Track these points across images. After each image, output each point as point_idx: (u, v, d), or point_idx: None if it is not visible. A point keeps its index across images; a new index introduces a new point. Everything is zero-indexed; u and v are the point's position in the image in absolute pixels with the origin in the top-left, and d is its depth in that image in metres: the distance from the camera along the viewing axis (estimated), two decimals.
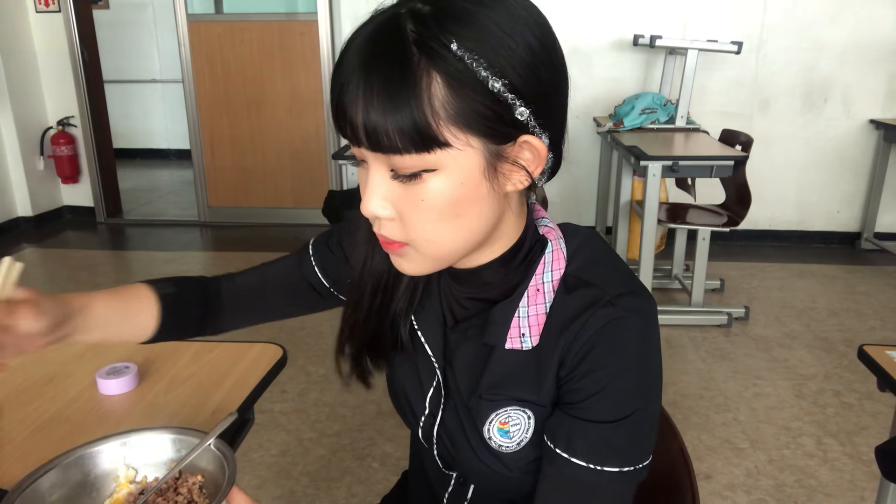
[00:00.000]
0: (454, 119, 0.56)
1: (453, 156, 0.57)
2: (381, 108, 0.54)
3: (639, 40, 3.71)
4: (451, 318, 0.75)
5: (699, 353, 2.91)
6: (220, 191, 4.88)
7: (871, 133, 4.21)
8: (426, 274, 0.67)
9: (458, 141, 0.56)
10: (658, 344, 0.67)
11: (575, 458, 0.65)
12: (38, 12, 4.60)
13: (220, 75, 4.64)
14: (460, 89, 0.55)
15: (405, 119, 0.54)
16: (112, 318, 0.78)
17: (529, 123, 0.59)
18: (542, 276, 0.68)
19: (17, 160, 4.61)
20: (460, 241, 0.63)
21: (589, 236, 0.73)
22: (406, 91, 0.54)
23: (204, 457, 0.71)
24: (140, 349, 1.17)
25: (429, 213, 0.59)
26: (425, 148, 0.56)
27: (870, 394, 2.53)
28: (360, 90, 0.55)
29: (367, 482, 2.05)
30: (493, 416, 0.70)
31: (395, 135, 0.55)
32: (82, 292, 0.76)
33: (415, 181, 0.58)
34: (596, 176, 4.31)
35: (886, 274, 3.88)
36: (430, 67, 0.54)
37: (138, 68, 6.93)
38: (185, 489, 0.71)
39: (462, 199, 0.59)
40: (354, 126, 0.57)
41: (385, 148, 0.56)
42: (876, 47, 4.07)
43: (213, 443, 0.71)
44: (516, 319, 0.68)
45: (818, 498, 2.01)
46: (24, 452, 0.89)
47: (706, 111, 4.14)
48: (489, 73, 0.56)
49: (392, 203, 0.60)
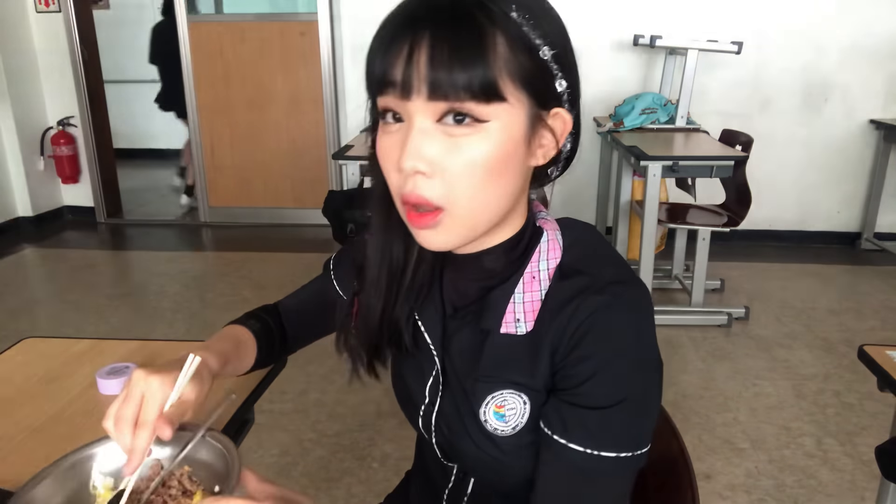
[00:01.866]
0: (511, 76, 0.60)
1: (506, 111, 0.61)
2: (449, 59, 0.58)
3: (639, 40, 3.71)
4: (450, 308, 0.76)
5: (699, 354, 2.91)
6: (220, 191, 4.88)
7: (871, 133, 4.21)
8: (452, 248, 0.68)
9: (512, 97, 0.60)
10: (652, 331, 0.67)
11: (572, 444, 0.66)
12: (38, 12, 4.61)
13: (220, 75, 4.64)
14: (518, 51, 0.60)
15: (475, 69, 0.58)
16: (236, 367, 0.85)
17: (563, 97, 0.65)
18: (538, 263, 0.70)
19: (17, 160, 4.61)
20: (493, 206, 0.65)
21: (586, 229, 0.75)
22: (476, 45, 0.58)
23: (198, 447, 0.72)
24: (140, 349, 1.18)
25: (476, 168, 0.61)
26: (486, 99, 0.59)
27: (870, 394, 2.53)
28: (425, 42, 0.58)
29: (366, 482, 2.05)
30: (490, 399, 0.71)
31: (461, 83, 0.58)
32: (211, 349, 0.79)
33: (465, 132, 0.60)
34: (596, 176, 4.31)
35: (886, 274, 3.88)
36: (494, 27, 0.59)
37: (138, 68, 6.92)
38: (175, 481, 0.71)
39: (504, 158, 0.62)
40: (411, 76, 0.59)
41: (447, 94, 0.58)
42: (876, 47, 4.07)
43: (206, 434, 0.72)
44: (511, 305, 0.70)
45: (818, 498, 2.01)
46: (24, 452, 0.89)
47: (706, 111, 4.14)
48: (541, 42, 0.61)
49: (435, 158, 0.61)
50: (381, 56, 0.61)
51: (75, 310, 3.39)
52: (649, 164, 2.92)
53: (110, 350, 1.17)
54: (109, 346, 1.19)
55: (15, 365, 1.13)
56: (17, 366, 1.12)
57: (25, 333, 1.50)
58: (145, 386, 0.68)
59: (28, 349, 1.18)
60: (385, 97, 0.62)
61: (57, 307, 3.45)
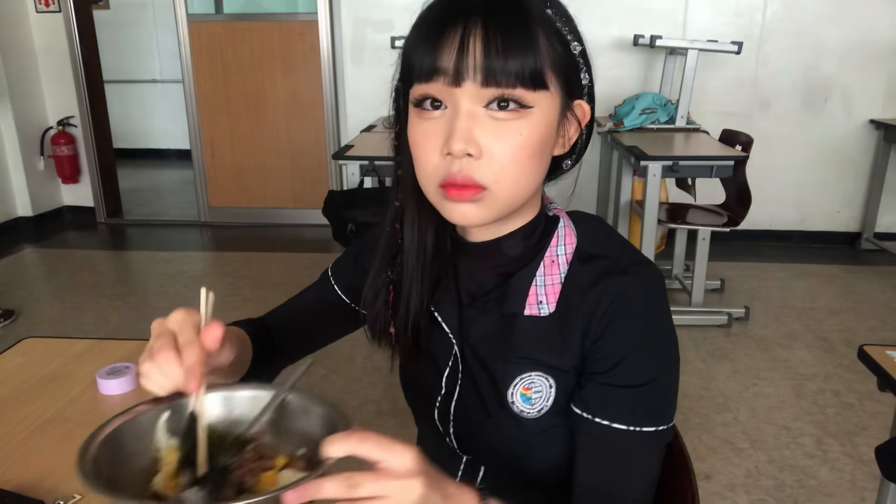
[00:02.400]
0: (552, 66, 0.65)
1: (547, 98, 0.65)
2: (505, 48, 0.62)
3: (639, 40, 3.71)
4: (467, 298, 0.78)
5: (699, 353, 2.91)
6: (220, 191, 4.88)
7: (871, 133, 4.21)
8: (484, 223, 0.69)
9: (552, 86, 0.65)
10: (669, 309, 0.72)
11: (615, 424, 0.68)
12: (38, 12, 4.60)
13: (220, 75, 4.64)
14: (556, 43, 0.65)
15: (526, 59, 0.62)
16: (243, 358, 0.80)
17: (585, 90, 0.70)
18: (556, 248, 0.74)
19: (17, 160, 4.61)
20: (528, 187, 0.69)
21: (595, 219, 0.79)
22: (526, 35, 0.63)
23: (279, 410, 0.65)
24: (140, 349, 1.17)
25: (523, 150, 0.65)
26: (533, 86, 0.63)
27: (870, 394, 2.53)
28: (478, 32, 0.62)
29: None
30: (518, 381, 0.73)
31: (515, 71, 0.62)
32: (228, 328, 0.72)
33: (512, 117, 0.64)
34: (596, 176, 4.31)
35: (886, 274, 3.88)
36: (535, 21, 0.64)
37: (138, 68, 6.93)
38: (251, 446, 0.63)
39: (542, 142, 0.66)
40: (465, 63, 0.62)
41: (500, 81, 0.62)
42: (876, 47, 4.07)
43: (291, 393, 0.65)
44: (534, 287, 0.73)
45: (818, 498, 2.01)
46: (24, 452, 0.89)
47: (706, 111, 4.14)
48: (571, 37, 0.67)
49: (483, 141, 0.64)
50: (429, 44, 0.63)
51: (75, 310, 3.39)
52: (649, 164, 2.92)
53: (110, 350, 1.17)
54: (109, 346, 1.19)
55: (15, 365, 1.13)
56: (17, 366, 1.12)
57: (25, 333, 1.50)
58: (170, 321, 0.63)
59: (28, 349, 1.18)
60: (430, 84, 0.64)
61: (57, 307, 3.45)
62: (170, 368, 0.60)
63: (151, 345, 0.62)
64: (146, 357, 0.62)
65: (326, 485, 0.52)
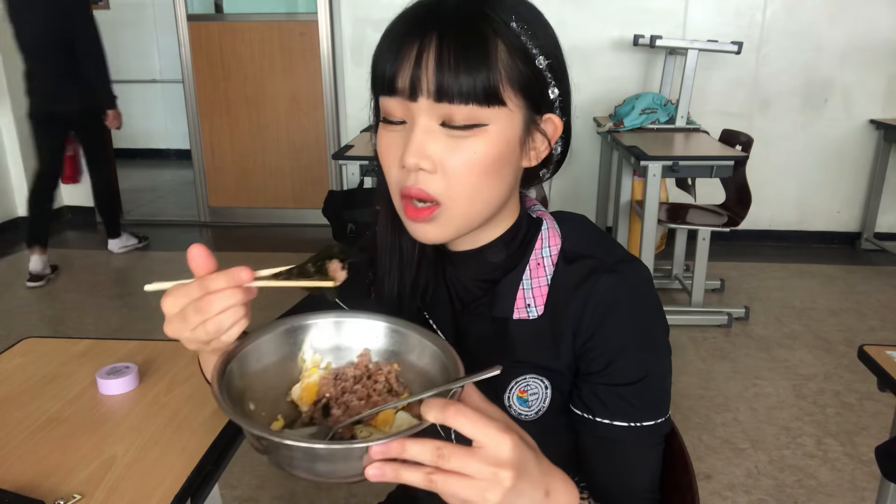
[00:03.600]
0: (510, 82, 0.64)
1: (505, 114, 0.64)
2: (456, 64, 0.61)
3: (639, 40, 3.71)
4: (459, 304, 0.79)
5: (699, 353, 2.91)
6: (220, 191, 4.88)
7: (871, 133, 4.21)
8: (446, 241, 0.71)
9: (510, 102, 0.64)
10: (659, 301, 0.73)
11: (616, 422, 0.70)
12: None
13: (220, 75, 4.64)
14: (517, 58, 0.64)
15: (479, 75, 0.62)
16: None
17: (555, 104, 0.69)
18: (541, 251, 0.74)
19: (17, 160, 4.61)
20: (487, 202, 0.68)
21: (580, 219, 0.79)
22: (480, 51, 0.62)
23: (416, 351, 0.67)
24: (140, 349, 1.18)
25: (476, 166, 0.65)
26: (487, 102, 0.63)
27: (870, 394, 2.53)
28: (433, 48, 0.61)
29: (367, 482, 2.05)
30: (514, 384, 0.74)
31: (466, 88, 0.62)
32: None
33: (466, 134, 0.64)
34: (596, 176, 4.31)
35: (886, 274, 3.88)
36: (496, 36, 0.63)
37: (138, 68, 6.92)
38: (382, 377, 0.66)
39: (500, 158, 0.66)
40: (419, 79, 0.62)
41: (453, 97, 0.62)
42: (876, 47, 4.07)
43: (427, 338, 0.66)
44: (521, 291, 0.73)
45: (818, 498, 2.01)
46: (24, 452, 0.89)
47: (706, 111, 4.14)
48: (537, 51, 0.65)
49: (436, 156, 0.64)
50: (389, 58, 0.64)
51: (75, 310, 3.39)
52: (649, 164, 2.92)
53: (110, 350, 1.17)
54: (109, 346, 1.19)
55: (15, 365, 1.13)
56: (17, 366, 1.12)
57: (25, 333, 1.50)
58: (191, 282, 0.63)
59: (28, 349, 1.18)
60: (391, 98, 0.65)
61: (57, 307, 3.45)
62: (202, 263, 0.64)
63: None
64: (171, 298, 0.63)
65: (415, 448, 0.52)
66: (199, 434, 0.93)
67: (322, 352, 0.69)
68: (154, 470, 0.86)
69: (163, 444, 0.91)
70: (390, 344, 0.68)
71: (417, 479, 0.52)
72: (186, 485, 0.83)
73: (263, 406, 0.64)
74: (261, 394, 0.64)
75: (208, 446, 0.90)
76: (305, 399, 0.66)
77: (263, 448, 0.56)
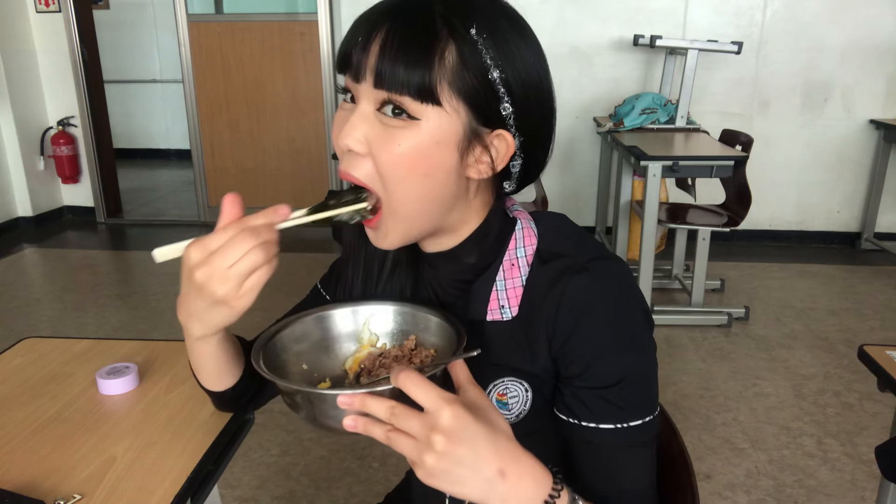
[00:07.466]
0: (452, 86, 0.63)
1: (439, 115, 0.64)
2: (396, 55, 0.62)
3: (639, 40, 3.71)
4: (439, 304, 0.79)
5: (699, 354, 2.91)
6: (220, 191, 4.88)
7: (871, 133, 4.21)
8: (401, 246, 0.72)
9: (448, 105, 0.63)
10: (637, 291, 0.71)
11: (602, 425, 0.68)
12: (38, 12, 4.61)
13: (220, 75, 4.64)
14: (467, 65, 0.63)
15: (416, 70, 0.62)
16: (237, 352, 0.82)
17: (508, 120, 0.67)
18: (515, 251, 0.73)
19: (17, 160, 4.61)
20: (427, 206, 0.68)
21: (558, 217, 0.77)
22: (424, 47, 0.62)
23: (441, 334, 0.74)
24: (140, 349, 1.18)
25: (402, 158, 0.64)
26: (420, 98, 0.63)
27: (870, 394, 2.53)
28: (382, 35, 0.63)
29: (367, 482, 2.05)
30: (492, 387, 0.73)
31: (402, 79, 0.62)
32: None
33: (397, 124, 0.64)
34: (596, 176, 4.31)
35: (886, 274, 3.88)
36: (449, 38, 0.63)
37: (138, 68, 6.93)
38: (419, 360, 0.73)
39: (433, 158, 0.65)
40: (363, 62, 0.64)
41: (388, 86, 0.63)
42: (876, 47, 4.07)
43: (445, 318, 0.74)
44: (494, 293, 0.72)
45: (818, 498, 2.01)
46: (24, 452, 0.89)
47: (706, 111, 4.14)
48: (492, 63, 0.64)
49: (369, 141, 0.65)
50: (348, 39, 0.66)
51: (75, 310, 3.39)
52: (649, 164, 2.92)
53: (110, 350, 1.17)
54: (109, 346, 1.19)
55: (15, 365, 1.13)
56: (17, 366, 1.12)
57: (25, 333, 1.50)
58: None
59: (28, 349, 1.18)
60: (345, 78, 0.67)
61: (57, 307, 3.45)
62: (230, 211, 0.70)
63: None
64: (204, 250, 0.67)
65: (374, 404, 0.59)
66: (199, 434, 0.93)
67: (379, 334, 0.79)
68: (154, 470, 0.85)
69: (163, 444, 0.91)
70: (432, 335, 0.76)
71: (379, 433, 0.59)
72: (186, 485, 0.83)
73: (316, 368, 0.77)
74: (313, 358, 0.77)
75: (208, 446, 0.90)
76: (352, 369, 0.77)
77: (279, 391, 0.70)
